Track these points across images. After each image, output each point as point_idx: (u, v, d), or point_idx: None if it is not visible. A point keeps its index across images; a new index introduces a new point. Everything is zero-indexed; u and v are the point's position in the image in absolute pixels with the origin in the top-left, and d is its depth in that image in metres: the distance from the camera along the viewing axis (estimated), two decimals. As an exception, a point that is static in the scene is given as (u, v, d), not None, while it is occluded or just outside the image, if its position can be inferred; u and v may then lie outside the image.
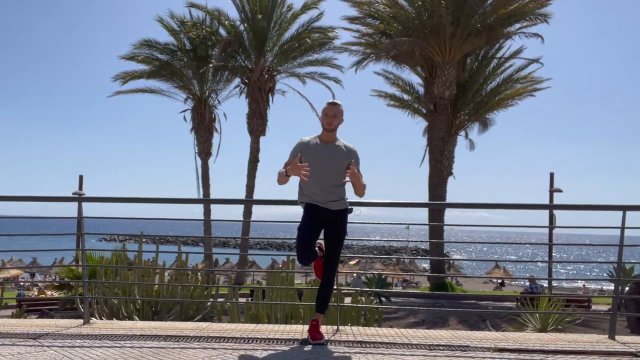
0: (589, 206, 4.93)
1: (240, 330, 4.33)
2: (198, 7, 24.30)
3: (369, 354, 3.57)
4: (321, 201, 3.85)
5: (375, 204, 4.58)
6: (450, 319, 13.73)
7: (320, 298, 3.98)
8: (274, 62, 24.95)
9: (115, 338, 4.01)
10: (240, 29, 24.40)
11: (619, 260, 4.46)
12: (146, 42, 24.82)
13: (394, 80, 25.28)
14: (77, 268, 12.72)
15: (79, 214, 4.96)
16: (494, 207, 5.06)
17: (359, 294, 7.63)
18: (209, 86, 26.04)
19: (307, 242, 3.83)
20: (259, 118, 24.64)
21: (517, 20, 21.17)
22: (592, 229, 4.46)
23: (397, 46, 20.54)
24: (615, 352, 3.76)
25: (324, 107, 3.93)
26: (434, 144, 22.31)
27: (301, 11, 24.31)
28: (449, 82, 21.24)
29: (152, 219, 5.02)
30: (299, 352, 3.61)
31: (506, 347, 3.81)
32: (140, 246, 7.70)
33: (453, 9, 20.12)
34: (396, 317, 14.18)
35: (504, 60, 23.89)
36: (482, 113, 23.88)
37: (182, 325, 4.63)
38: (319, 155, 3.84)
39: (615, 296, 4.67)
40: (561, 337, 4.33)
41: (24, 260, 33.94)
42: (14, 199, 4.98)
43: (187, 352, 3.58)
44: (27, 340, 3.91)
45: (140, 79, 25.21)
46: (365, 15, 22.83)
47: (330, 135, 3.92)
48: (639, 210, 4.42)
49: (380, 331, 4.43)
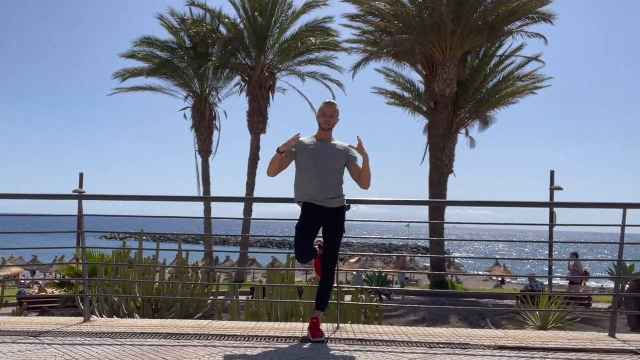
0: (589, 204, 4.93)
1: (240, 328, 4.34)
2: (198, 5, 24.28)
3: (369, 351, 3.58)
4: (318, 199, 3.85)
5: (375, 201, 4.57)
6: (451, 316, 13.72)
7: (320, 296, 3.99)
8: (275, 60, 24.92)
9: (115, 336, 4.01)
10: (241, 27, 24.36)
11: (619, 258, 4.45)
12: (146, 40, 24.80)
13: (395, 78, 25.24)
14: (78, 266, 12.73)
15: (79, 212, 4.96)
16: (494, 204, 5.05)
17: (359, 292, 7.64)
18: (209, 84, 26.01)
19: (306, 240, 3.84)
20: (259, 116, 24.63)
21: (518, 18, 21.13)
22: (592, 226, 4.46)
23: (398, 44, 20.50)
24: (616, 349, 3.76)
25: (321, 106, 3.98)
26: (434, 142, 22.29)
27: (302, 9, 24.29)
28: (450, 79, 21.20)
29: (153, 217, 5.02)
30: (299, 349, 3.61)
31: (506, 345, 3.81)
32: (140, 244, 7.71)
33: (454, 7, 20.08)
34: (396, 315, 14.18)
35: (505, 57, 23.86)
36: (482, 111, 23.84)
37: (183, 323, 4.63)
38: (315, 154, 3.85)
39: (615, 294, 4.67)
40: (561, 334, 4.33)
41: (24, 258, 33.96)
42: (14, 196, 4.99)
43: (188, 349, 3.58)
44: (28, 338, 3.92)
45: (139, 76, 25.19)
46: (365, 13, 22.80)
47: (326, 134, 3.95)
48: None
49: (380, 329, 4.43)
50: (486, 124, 24.89)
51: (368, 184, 3.95)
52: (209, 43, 24.65)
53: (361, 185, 3.95)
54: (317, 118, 3.98)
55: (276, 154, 3.86)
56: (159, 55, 25.09)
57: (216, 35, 24.46)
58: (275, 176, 3.98)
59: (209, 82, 25.95)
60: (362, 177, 3.92)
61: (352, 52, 23.85)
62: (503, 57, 23.92)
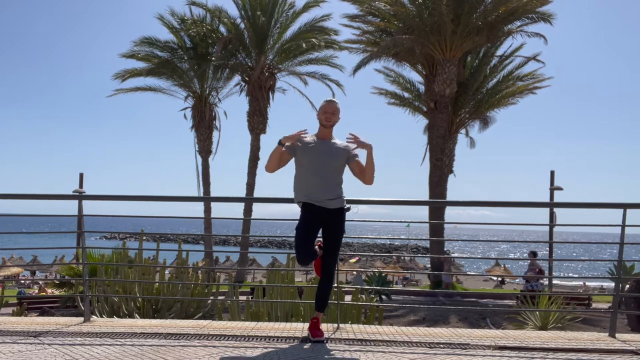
0: (589, 204, 4.93)
1: (240, 328, 4.34)
2: (199, 5, 24.30)
3: (369, 351, 3.57)
4: (318, 200, 3.83)
5: (375, 201, 4.57)
6: (451, 317, 13.72)
7: (320, 296, 3.98)
8: (275, 60, 24.93)
9: (115, 336, 4.01)
10: (241, 27, 24.38)
11: (619, 258, 4.45)
12: (146, 40, 24.81)
13: (395, 78, 25.27)
14: (78, 266, 12.73)
15: (80, 212, 4.96)
16: (494, 205, 5.04)
17: (359, 292, 7.64)
18: (210, 84, 26.03)
19: (306, 241, 3.82)
20: (260, 116, 24.64)
21: (517, 18, 21.14)
22: (592, 226, 4.46)
23: (398, 44, 20.51)
24: (616, 350, 3.76)
25: (322, 104, 3.95)
26: (434, 142, 22.30)
27: (303, 9, 24.30)
28: (450, 80, 21.21)
29: (153, 217, 5.02)
30: (299, 350, 3.61)
31: (506, 345, 3.81)
32: (140, 244, 7.71)
33: (454, 7, 20.08)
34: (396, 315, 14.18)
35: (505, 57, 23.88)
36: (482, 111, 23.87)
37: (183, 323, 4.63)
38: (315, 153, 3.83)
39: (615, 294, 4.66)
40: (561, 335, 4.32)
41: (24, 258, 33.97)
42: (14, 196, 4.98)
43: (188, 350, 3.58)
44: (28, 338, 3.92)
45: (139, 76, 25.21)
46: (366, 13, 22.82)
47: (327, 132, 3.93)
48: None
49: (380, 329, 4.43)
50: (486, 124, 24.91)
51: (372, 179, 3.91)
52: (209, 43, 24.66)
53: (365, 180, 3.90)
54: (317, 116, 3.96)
55: (277, 147, 3.81)
56: (159, 56, 25.11)
57: (216, 35, 24.47)
58: (273, 172, 3.92)
59: (209, 82, 25.97)
60: (366, 171, 3.88)
61: (352, 52, 23.90)
62: (503, 57, 23.94)
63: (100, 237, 75.04)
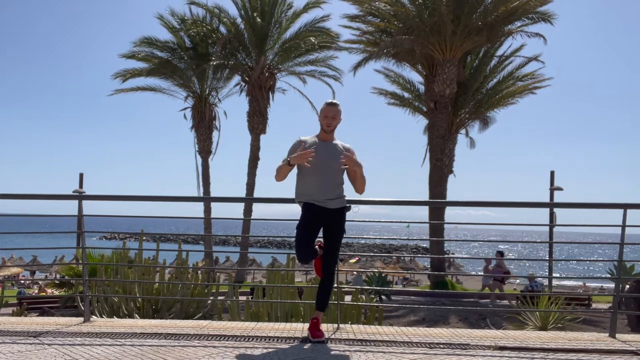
0: (589, 204, 4.93)
1: (240, 328, 4.33)
2: (198, 5, 24.29)
3: (369, 352, 3.57)
4: (319, 200, 3.85)
5: (375, 201, 4.57)
6: (451, 317, 13.71)
7: (320, 296, 3.98)
8: (275, 61, 24.93)
9: (115, 336, 4.01)
10: (241, 27, 24.37)
11: (619, 258, 4.45)
12: (146, 40, 24.80)
13: (395, 78, 25.24)
14: (78, 266, 12.73)
15: (80, 212, 4.96)
16: (494, 205, 5.05)
17: (359, 292, 7.63)
18: (209, 84, 26.02)
19: (306, 241, 3.83)
20: (260, 116, 24.63)
21: (517, 18, 21.13)
22: (592, 227, 4.46)
23: (398, 44, 20.50)
24: (616, 350, 3.76)
25: (323, 107, 3.95)
26: (434, 142, 22.29)
27: (303, 10, 24.30)
28: (450, 80, 21.21)
29: (153, 217, 5.01)
30: (299, 350, 3.61)
31: (506, 346, 3.81)
32: (140, 244, 7.70)
33: (454, 7, 20.08)
34: (396, 316, 14.18)
35: (505, 58, 23.87)
36: (482, 111, 23.84)
37: (183, 323, 4.63)
38: (317, 154, 3.84)
39: (615, 294, 4.66)
40: (561, 335, 4.32)
41: (24, 258, 33.97)
42: (14, 196, 4.98)
43: (188, 350, 3.57)
44: (28, 338, 3.91)
45: (139, 76, 25.20)
46: (365, 14, 22.80)
47: (328, 135, 3.96)
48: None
49: (380, 329, 4.43)
50: (486, 124, 24.89)
51: (363, 189, 4.01)
52: (209, 43, 24.66)
53: (356, 188, 4.00)
54: (319, 118, 3.98)
55: (285, 166, 3.83)
56: (159, 56, 25.09)
57: (216, 35, 24.46)
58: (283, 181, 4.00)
59: (209, 82, 25.96)
60: (357, 182, 3.97)
61: (352, 52, 23.88)
62: (503, 57, 23.92)
63: (100, 237, 75.04)
